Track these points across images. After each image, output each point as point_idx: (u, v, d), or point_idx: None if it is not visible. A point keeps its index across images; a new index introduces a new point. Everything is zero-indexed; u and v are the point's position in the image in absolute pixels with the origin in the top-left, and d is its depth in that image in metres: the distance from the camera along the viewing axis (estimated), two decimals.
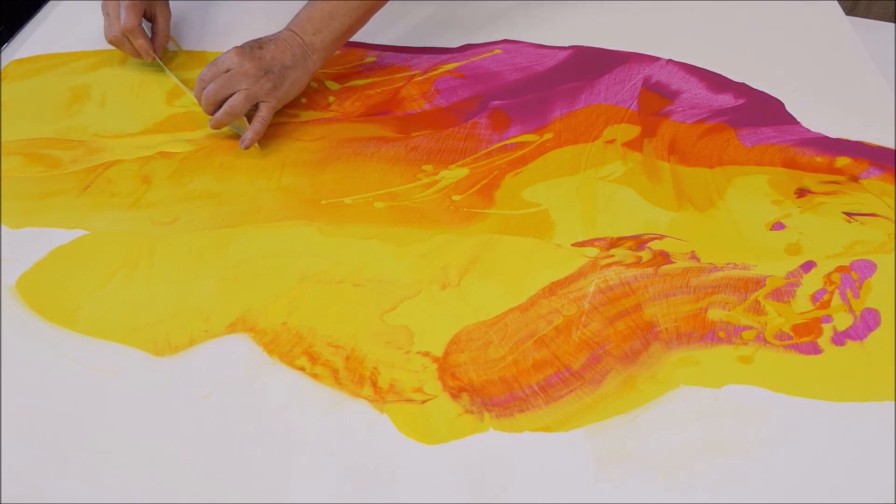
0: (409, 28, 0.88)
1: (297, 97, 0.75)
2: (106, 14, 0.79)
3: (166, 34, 0.83)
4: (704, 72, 0.83)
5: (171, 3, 0.83)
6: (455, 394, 0.54)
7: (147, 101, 0.78)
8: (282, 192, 0.69)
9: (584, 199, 0.69)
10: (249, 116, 0.73)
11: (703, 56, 0.85)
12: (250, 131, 0.71)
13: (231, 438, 0.52)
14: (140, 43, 0.79)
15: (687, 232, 0.66)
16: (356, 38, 0.84)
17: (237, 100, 0.70)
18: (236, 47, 0.71)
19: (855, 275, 0.63)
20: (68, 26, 0.82)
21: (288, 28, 0.74)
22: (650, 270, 0.63)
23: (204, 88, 0.71)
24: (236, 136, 0.73)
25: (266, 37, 0.73)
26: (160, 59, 0.82)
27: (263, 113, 0.72)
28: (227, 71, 0.71)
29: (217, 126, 0.72)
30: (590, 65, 0.84)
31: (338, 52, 0.83)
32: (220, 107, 0.72)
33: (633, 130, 0.76)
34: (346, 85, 0.81)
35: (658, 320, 0.59)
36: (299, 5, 0.74)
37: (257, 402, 0.53)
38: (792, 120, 0.78)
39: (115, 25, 0.78)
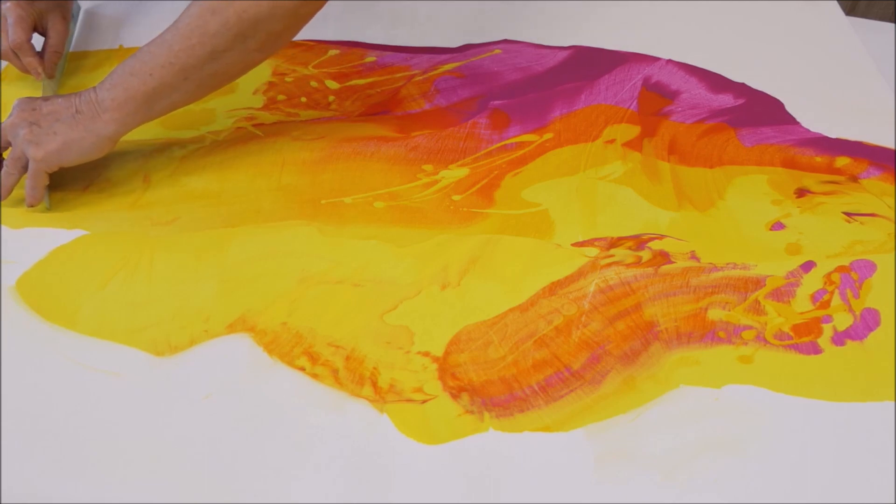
0: (409, 28, 0.88)
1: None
2: None
3: (58, 51, 0.76)
4: (704, 72, 0.83)
5: (172, 1, 0.82)
6: (455, 394, 0.54)
7: None
8: (282, 191, 0.69)
9: (584, 199, 0.69)
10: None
11: (703, 56, 0.84)
12: (26, 194, 0.64)
13: (231, 438, 0.52)
14: (29, 60, 0.73)
15: (687, 232, 0.66)
16: (356, 37, 0.85)
17: (8, 157, 0.63)
18: (24, 97, 0.64)
19: (855, 275, 0.63)
20: None
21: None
22: (650, 270, 0.63)
23: None
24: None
25: (76, 92, 0.64)
26: (50, 79, 0.75)
27: (30, 170, 0.63)
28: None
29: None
30: (590, 65, 0.84)
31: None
32: None
33: (633, 130, 0.76)
34: (346, 85, 0.81)
35: (658, 320, 0.59)
36: None
37: (257, 403, 0.53)
38: (792, 120, 0.78)
39: (0, 40, 0.72)
